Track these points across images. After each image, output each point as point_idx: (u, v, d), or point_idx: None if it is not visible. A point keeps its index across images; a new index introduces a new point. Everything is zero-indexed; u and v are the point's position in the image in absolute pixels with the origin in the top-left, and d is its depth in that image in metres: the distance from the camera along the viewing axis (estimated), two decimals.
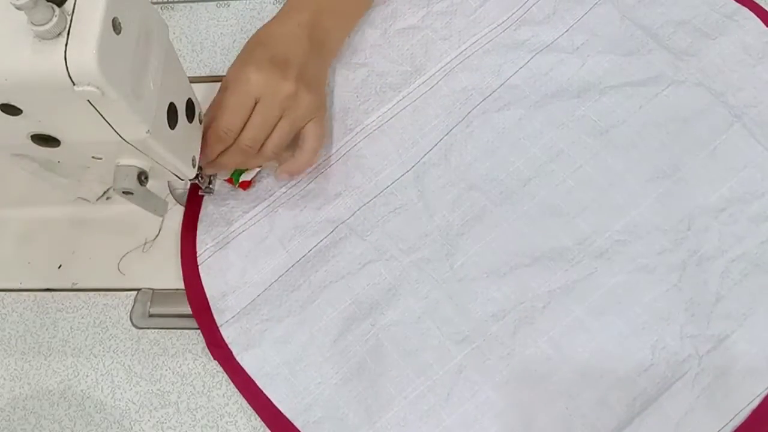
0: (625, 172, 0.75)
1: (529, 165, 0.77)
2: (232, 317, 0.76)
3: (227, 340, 0.75)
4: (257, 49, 0.77)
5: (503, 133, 0.79)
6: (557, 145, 0.77)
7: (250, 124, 0.74)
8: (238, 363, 0.74)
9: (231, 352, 0.74)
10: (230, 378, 0.74)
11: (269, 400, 0.72)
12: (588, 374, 0.69)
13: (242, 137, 0.74)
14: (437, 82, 0.82)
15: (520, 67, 0.81)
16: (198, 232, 0.80)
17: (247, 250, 0.79)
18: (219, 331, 0.75)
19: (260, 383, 0.73)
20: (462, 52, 0.83)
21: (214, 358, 0.75)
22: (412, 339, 0.72)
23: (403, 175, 0.79)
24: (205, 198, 0.82)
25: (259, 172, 0.81)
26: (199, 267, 0.78)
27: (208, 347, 0.75)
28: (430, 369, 0.71)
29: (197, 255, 0.79)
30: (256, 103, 0.74)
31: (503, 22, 0.84)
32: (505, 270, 0.73)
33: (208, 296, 0.77)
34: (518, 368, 0.70)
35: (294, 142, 0.78)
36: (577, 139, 0.77)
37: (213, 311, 0.76)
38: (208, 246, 0.79)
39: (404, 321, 0.73)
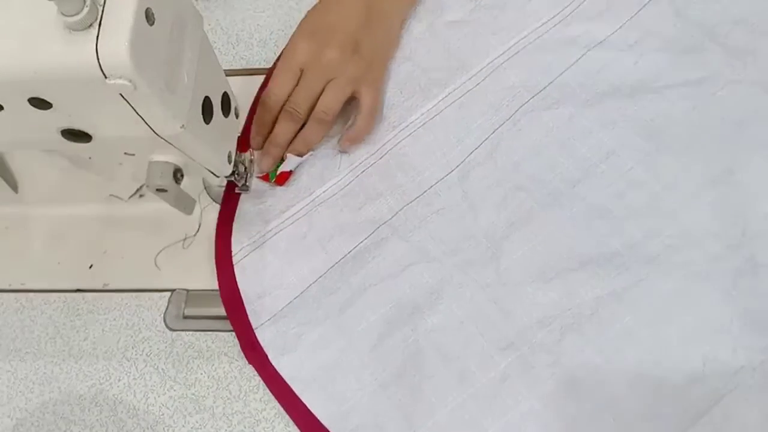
0: (678, 174, 0.76)
1: (578, 166, 0.78)
2: (269, 320, 0.77)
3: (263, 344, 0.76)
4: (309, 18, 0.83)
5: (552, 132, 0.80)
6: (608, 145, 0.78)
7: (295, 90, 0.80)
8: (274, 368, 0.75)
9: (267, 356, 0.76)
10: (265, 383, 0.76)
11: (306, 406, 0.74)
12: (637, 385, 0.70)
13: (288, 101, 0.80)
14: (484, 79, 0.84)
15: (571, 65, 0.82)
16: (234, 231, 0.82)
17: (285, 250, 0.80)
18: (254, 334, 0.77)
19: (297, 389, 0.74)
20: (510, 47, 0.85)
21: (249, 362, 0.76)
22: (454, 345, 0.74)
23: (447, 174, 0.80)
24: (241, 196, 0.83)
25: (298, 165, 0.82)
26: (235, 267, 0.80)
27: (243, 351, 0.77)
28: (472, 376, 0.72)
29: (233, 254, 0.80)
30: (302, 71, 0.80)
31: (554, 17, 0.85)
32: (552, 275, 0.75)
33: (243, 297, 0.78)
34: (564, 377, 0.71)
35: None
36: (629, 140, 0.78)
37: (248, 313, 0.78)
38: (244, 245, 0.81)
39: (446, 326, 0.74)
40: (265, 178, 0.82)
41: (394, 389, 0.73)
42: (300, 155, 0.82)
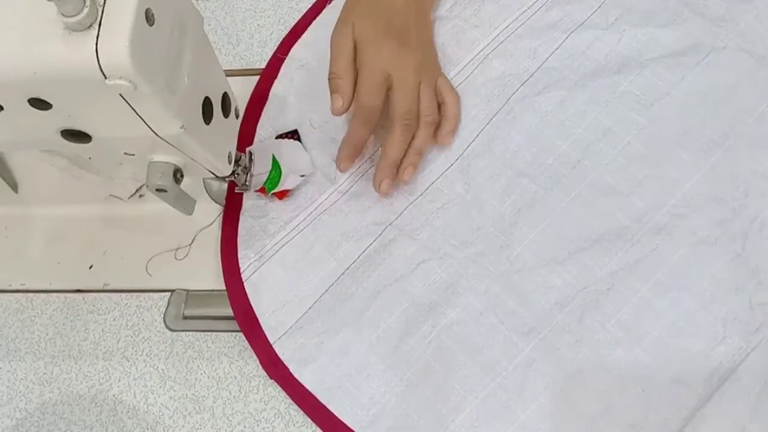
0: (675, 144, 0.78)
1: (576, 146, 0.80)
2: (285, 333, 0.77)
3: (282, 358, 0.76)
4: (366, 18, 0.79)
5: (546, 116, 0.81)
6: (603, 123, 0.80)
7: (403, 101, 0.78)
8: (297, 380, 0.76)
9: (288, 370, 0.76)
10: (290, 397, 0.76)
11: (335, 415, 0.74)
12: (661, 354, 0.71)
13: (404, 115, 0.78)
14: (472, 72, 0.85)
15: (556, 49, 0.84)
16: (239, 248, 0.82)
17: (293, 261, 0.80)
18: (273, 348, 0.77)
19: (322, 399, 0.75)
20: (494, 38, 0.86)
21: (271, 378, 0.76)
22: (476, 336, 0.74)
23: (447, 169, 0.81)
24: (242, 212, 0.83)
25: (301, 181, 0.82)
26: (245, 284, 0.80)
27: (264, 367, 0.77)
28: (498, 365, 0.73)
29: (241, 272, 0.80)
30: (388, 77, 0.77)
31: (533, 4, 0.86)
32: (564, 256, 0.76)
33: (257, 314, 0.78)
34: (589, 355, 0.72)
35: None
36: (623, 116, 0.80)
37: (264, 329, 0.78)
38: (251, 261, 0.81)
39: (466, 318, 0.75)
40: (262, 191, 0.82)
41: (421, 387, 0.74)
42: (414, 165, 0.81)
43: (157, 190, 0.70)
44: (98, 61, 0.54)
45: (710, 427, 0.68)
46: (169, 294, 0.83)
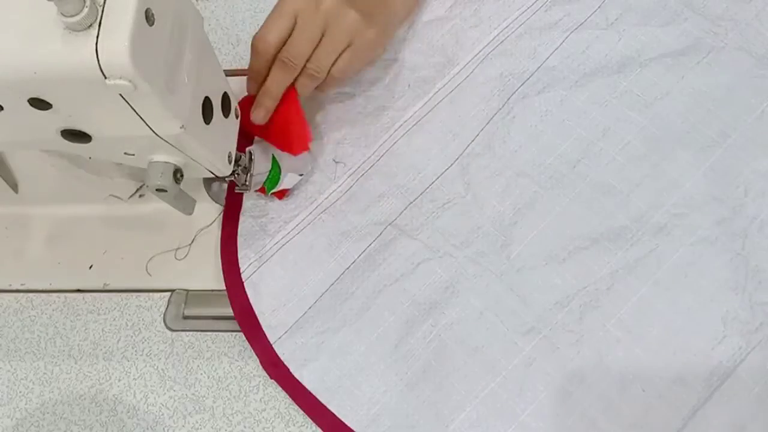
0: (675, 143, 0.78)
1: (576, 146, 0.80)
2: (285, 333, 0.77)
3: (282, 357, 0.76)
4: None
5: (546, 116, 0.82)
6: (603, 123, 0.80)
7: (289, 39, 0.76)
8: (297, 380, 0.75)
9: (288, 369, 0.76)
10: (291, 396, 0.75)
11: (335, 415, 0.74)
12: (661, 353, 0.71)
13: (282, 51, 0.76)
14: (472, 71, 0.85)
15: (556, 48, 0.84)
16: (239, 248, 0.81)
17: (293, 261, 0.80)
18: (273, 348, 0.77)
19: (323, 399, 0.75)
20: (494, 38, 0.86)
21: (272, 378, 0.76)
22: (476, 335, 0.75)
23: (447, 169, 0.81)
24: (242, 212, 0.83)
25: (299, 180, 0.82)
26: (245, 284, 0.80)
27: (264, 367, 0.77)
28: (498, 364, 0.73)
29: (241, 272, 0.80)
30: (297, 18, 0.76)
31: (533, 4, 0.86)
32: (564, 255, 0.76)
33: (257, 313, 0.78)
34: (589, 354, 0.72)
35: None
36: (623, 115, 0.80)
37: (264, 329, 0.78)
38: (251, 261, 0.81)
39: (466, 318, 0.75)
40: (262, 191, 0.82)
41: (421, 387, 0.74)
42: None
43: (157, 190, 0.70)
44: (98, 61, 0.54)
45: (710, 427, 0.68)
46: (169, 294, 0.83)
